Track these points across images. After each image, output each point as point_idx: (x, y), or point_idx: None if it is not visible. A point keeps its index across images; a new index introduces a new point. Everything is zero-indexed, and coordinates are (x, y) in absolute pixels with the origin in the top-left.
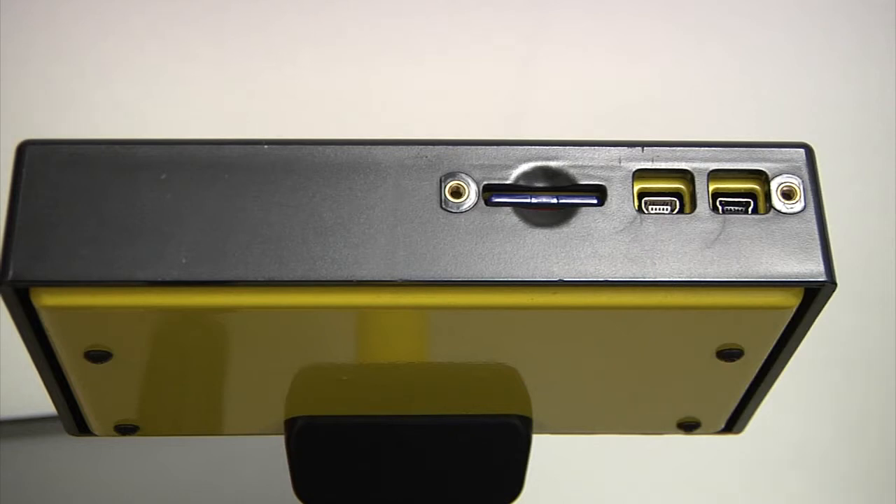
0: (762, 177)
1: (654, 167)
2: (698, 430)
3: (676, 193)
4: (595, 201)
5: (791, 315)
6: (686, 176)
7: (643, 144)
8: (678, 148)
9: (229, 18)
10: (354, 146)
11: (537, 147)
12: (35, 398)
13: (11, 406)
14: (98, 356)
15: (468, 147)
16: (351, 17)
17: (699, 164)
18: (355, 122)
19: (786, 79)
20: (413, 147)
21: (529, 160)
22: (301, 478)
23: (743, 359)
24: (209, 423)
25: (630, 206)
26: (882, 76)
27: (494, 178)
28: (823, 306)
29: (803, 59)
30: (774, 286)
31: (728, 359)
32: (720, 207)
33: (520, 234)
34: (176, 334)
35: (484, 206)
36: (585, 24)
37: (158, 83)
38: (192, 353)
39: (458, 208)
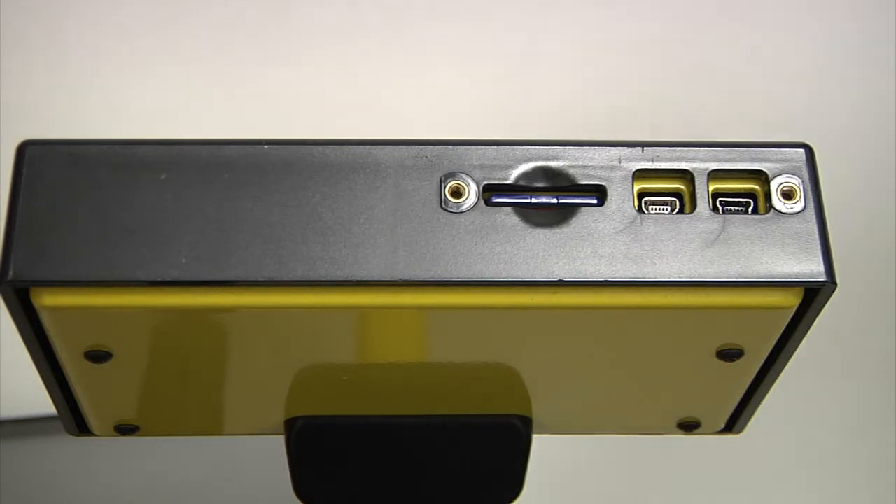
0: (762, 177)
1: (654, 167)
2: (698, 430)
3: (676, 193)
4: (595, 201)
5: (791, 315)
6: (686, 176)
7: (643, 144)
8: (678, 148)
9: (230, 18)
10: (354, 146)
11: (537, 147)
12: (35, 398)
13: (11, 406)
14: (98, 356)
15: (468, 147)
16: (350, 16)
17: (699, 164)
18: (355, 121)
19: (786, 79)
20: (413, 147)
21: (529, 160)
22: (301, 478)
23: (743, 359)
24: (209, 423)
25: (630, 206)
26: (882, 76)
27: (494, 178)
28: (823, 306)
29: (804, 58)
30: (774, 286)
31: (728, 359)
32: (720, 207)
33: (520, 234)
34: (176, 334)
35: (484, 206)
36: (586, 24)
37: (159, 83)
38: (192, 353)
39: (458, 208)
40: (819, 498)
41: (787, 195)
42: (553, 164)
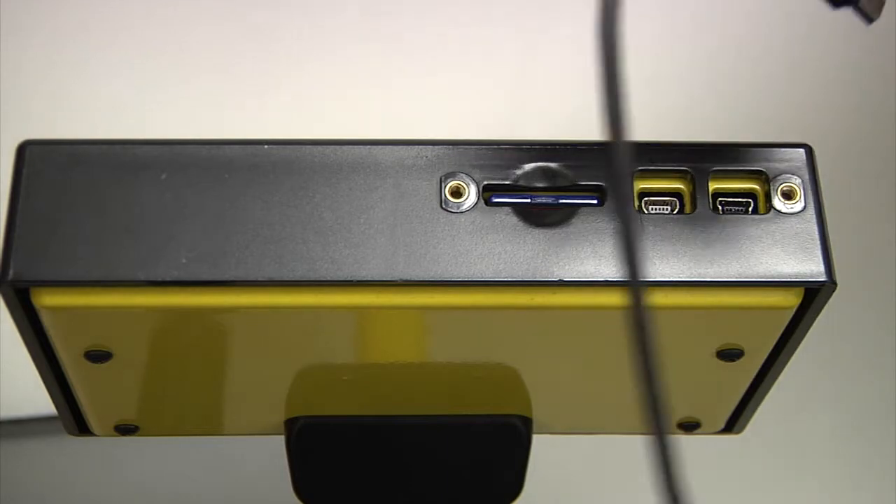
0: (762, 177)
1: (654, 167)
2: (698, 430)
3: (676, 193)
4: (595, 201)
5: (791, 315)
6: (686, 176)
7: (643, 144)
8: (678, 148)
9: (231, 17)
10: (354, 146)
11: (537, 147)
12: (35, 398)
13: (11, 406)
14: (98, 356)
15: (468, 147)
16: (350, 16)
17: (699, 164)
18: (355, 122)
19: (786, 79)
20: (413, 147)
21: (529, 160)
22: (301, 478)
23: (743, 359)
24: (209, 422)
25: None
26: (882, 76)
27: (494, 178)
28: (823, 306)
29: (803, 58)
30: (774, 286)
31: (728, 359)
32: (720, 207)
33: (520, 234)
34: (176, 334)
35: (484, 206)
36: (586, 24)
37: (159, 82)
38: (192, 353)
39: (458, 208)
40: (819, 498)
41: (787, 195)
42: (553, 164)
